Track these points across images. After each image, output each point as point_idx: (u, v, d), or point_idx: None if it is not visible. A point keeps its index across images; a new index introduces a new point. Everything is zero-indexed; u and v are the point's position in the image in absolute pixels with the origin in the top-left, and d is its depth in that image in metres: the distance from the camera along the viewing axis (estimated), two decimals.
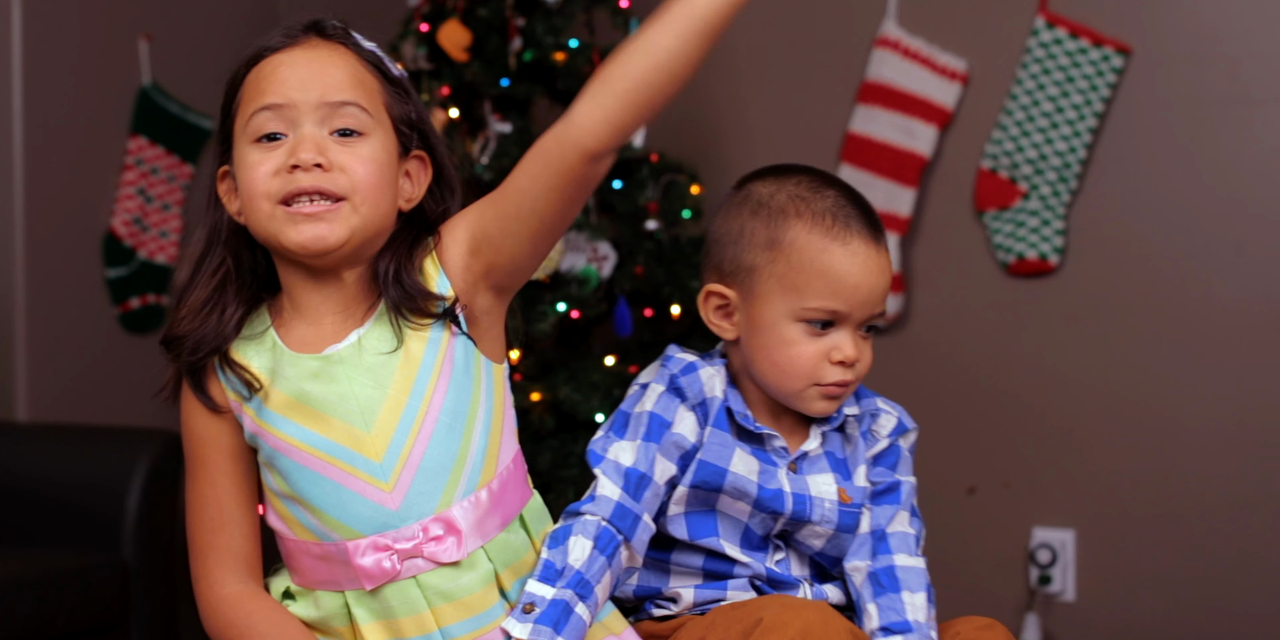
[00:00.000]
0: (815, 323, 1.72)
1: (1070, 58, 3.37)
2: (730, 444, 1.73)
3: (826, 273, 1.71)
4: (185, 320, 1.66)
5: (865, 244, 1.72)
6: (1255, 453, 3.26)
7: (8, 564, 2.93)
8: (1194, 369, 3.31)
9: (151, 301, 3.74)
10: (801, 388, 1.73)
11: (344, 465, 1.61)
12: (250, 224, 1.63)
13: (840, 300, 1.71)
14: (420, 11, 3.35)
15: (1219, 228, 3.29)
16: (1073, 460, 3.41)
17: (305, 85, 1.62)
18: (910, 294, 3.56)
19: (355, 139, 1.62)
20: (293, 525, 1.64)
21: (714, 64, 3.73)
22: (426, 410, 1.62)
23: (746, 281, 1.74)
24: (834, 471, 1.77)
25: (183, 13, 3.84)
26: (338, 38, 1.68)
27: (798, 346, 1.72)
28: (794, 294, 1.71)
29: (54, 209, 3.52)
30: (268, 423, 1.62)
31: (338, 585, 1.62)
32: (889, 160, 3.53)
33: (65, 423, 3.45)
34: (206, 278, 1.66)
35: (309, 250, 1.59)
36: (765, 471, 1.74)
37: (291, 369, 1.62)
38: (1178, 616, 3.31)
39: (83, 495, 3.12)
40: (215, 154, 1.70)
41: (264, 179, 1.60)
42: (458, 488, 1.62)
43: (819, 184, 1.76)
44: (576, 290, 3.16)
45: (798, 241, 1.72)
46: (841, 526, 1.74)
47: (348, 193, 1.59)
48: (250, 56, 1.68)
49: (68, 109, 3.56)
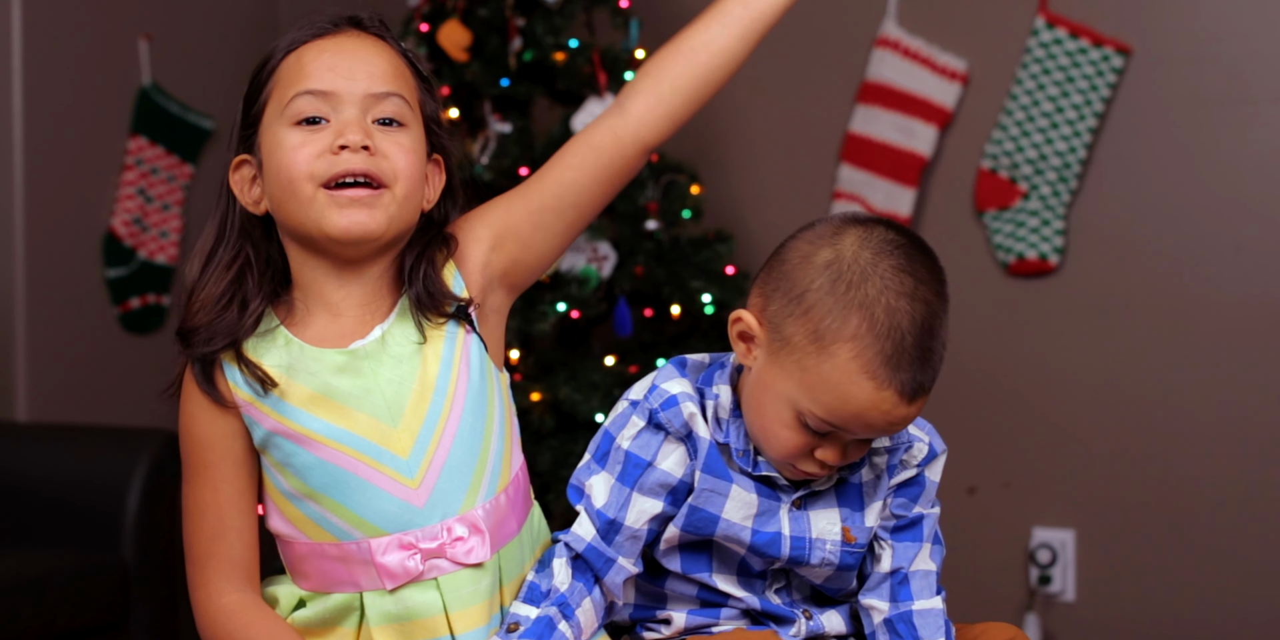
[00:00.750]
0: (811, 427, 1.59)
1: (1070, 58, 3.37)
2: (724, 489, 1.64)
3: (846, 403, 1.56)
4: (199, 313, 1.62)
5: (898, 395, 1.55)
6: (1255, 453, 3.26)
7: (8, 564, 2.93)
8: (1194, 369, 3.31)
9: (151, 301, 3.74)
10: (778, 461, 1.63)
11: (370, 460, 1.59)
12: (281, 210, 1.60)
13: (843, 424, 1.58)
14: (420, 11, 3.35)
15: (1219, 228, 3.29)
16: (1073, 460, 3.41)
17: (351, 74, 1.59)
18: None
19: (397, 129, 1.60)
20: (306, 527, 1.61)
21: None
22: (451, 407, 1.61)
23: (777, 342, 1.59)
24: (842, 507, 1.68)
25: (183, 13, 3.84)
26: (376, 31, 1.66)
27: (787, 431, 1.60)
28: (807, 395, 1.57)
29: (54, 209, 3.52)
30: (289, 418, 1.59)
31: (355, 586, 1.60)
32: (889, 160, 3.53)
33: (65, 423, 3.45)
34: (221, 270, 1.63)
35: (350, 236, 1.57)
36: (764, 512, 1.65)
37: (314, 364, 1.60)
38: (1178, 616, 3.32)
39: (83, 495, 3.12)
40: (231, 142, 1.67)
41: (307, 160, 1.56)
42: (480, 488, 1.62)
43: (904, 301, 1.55)
44: (576, 290, 3.16)
45: (838, 359, 1.55)
46: (843, 566, 1.67)
47: (390, 181, 1.57)
48: (284, 45, 1.63)
49: (68, 109, 3.56)
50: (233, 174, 1.66)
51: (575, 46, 3.26)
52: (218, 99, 3.93)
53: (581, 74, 3.26)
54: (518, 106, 3.32)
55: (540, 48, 3.26)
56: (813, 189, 3.61)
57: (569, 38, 3.27)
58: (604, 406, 3.06)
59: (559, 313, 3.14)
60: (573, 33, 3.31)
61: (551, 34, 3.26)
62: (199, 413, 1.64)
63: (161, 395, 1.67)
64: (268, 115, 1.61)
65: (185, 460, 1.66)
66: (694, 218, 3.32)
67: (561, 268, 3.20)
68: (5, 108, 3.43)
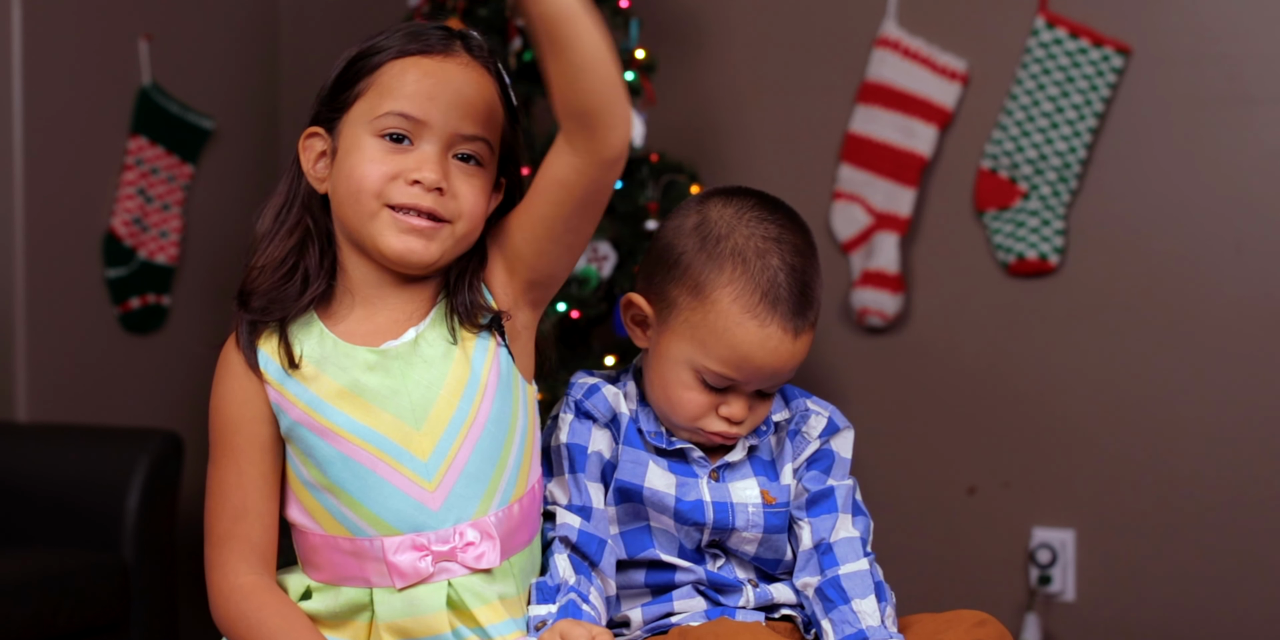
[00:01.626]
0: (710, 383, 1.70)
1: (1070, 58, 3.37)
2: (644, 460, 1.73)
3: (735, 346, 1.67)
4: (260, 277, 1.66)
5: (782, 330, 1.67)
6: (1255, 452, 3.26)
7: (8, 564, 2.93)
8: (1194, 369, 3.31)
9: (151, 301, 3.74)
10: (686, 427, 1.72)
11: (390, 459, 1.62)
12: (342, 209, 1.64)
13: (739, 373, 1.68)
14: (420, 11, 3.35)
15: (1219, 228, 3.29)
16: (1073, 460, 3.41)
17: (447, 108, 1.63)
18: (910, 294, 3.56)
19: (474, 168, 1.65)
20: (322, 519, 1.64)
21: (714, 64, 3.74)
22: (475, 415, 1.64)
23: (664, 311, 1.72)
24: (759, 475, 1.76)
25: (183, 13, 3.84)
26: (482, 60, 1.69)
27: (689, 392, 1.71)
28: (699, 349, 1.68)
29: (54, 209, 3.52)
30: (315, 410, 1.63)
31: (365, 582, 1.63)
32: (889, 160, 3.53)
33: (65, 423, 3.45)
34: (285, 234, 1.67)
35: (404, 260, 1.62)
36: (684, 484, 1.72)
37: (346, 359, 1.63)
38: (1178, 616, 3.32)
39: (83, 495, 3.11)
40: (311, 111, 1.69)
41: (381, 179, 1.61)
42: (495, 496, 1.65)
43: (771, 244, 1.69)
44: (576, 290, 3.16)
45: (720, 305, 1.67)
46: (769, 528, 1.73)
47: (454, 218, 1.63)
48: (393, 47, 1.65)
49: (68, 109, 3.55)
50: (303, 141, 1.69)
51: None
52: (218, 99, 3.93)
53: None
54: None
55: None
56: (813, 189, 3.61)
57: None
58: None
59: (559, 313, 3.14)
60: None
61: None
62: (232, 395, 1.67)
63: (206, 346, 1.71)
64: (354, 111, 1.64)
65: (213, 441, 1.68)
66: None
67: None
68: (5, 108, 3.43)
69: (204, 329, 3.86)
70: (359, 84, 1.65)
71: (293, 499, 1.67)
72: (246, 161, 4.04)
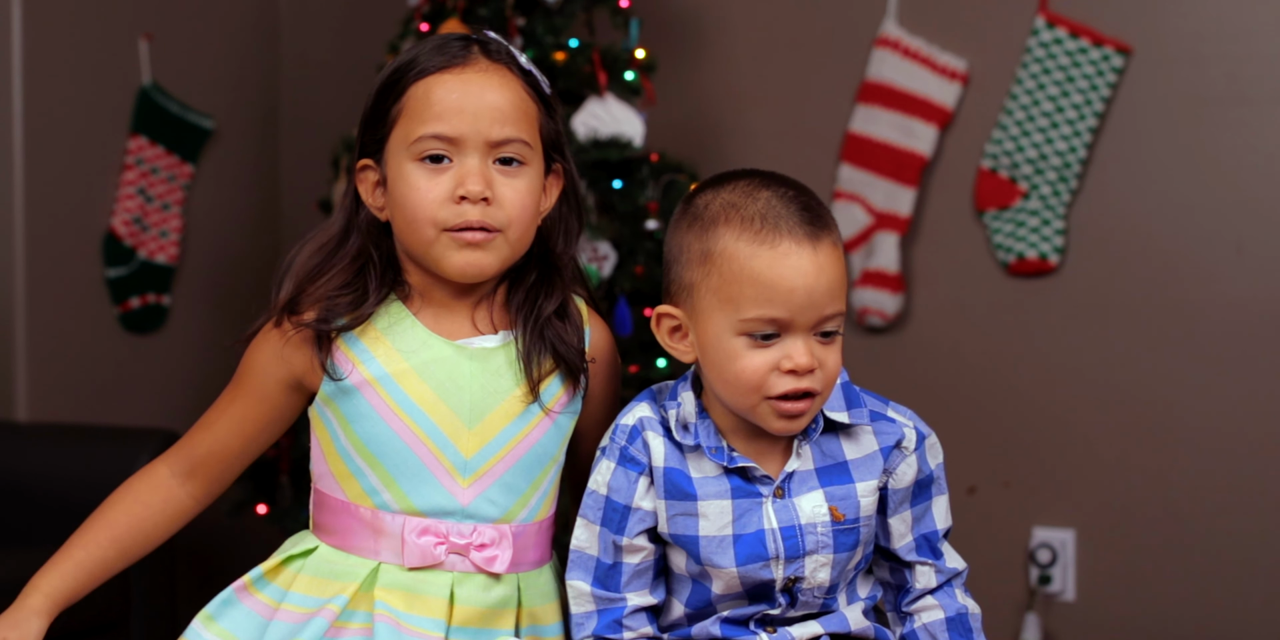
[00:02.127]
0: (758, 335, 1.60)
1: (1070, 58, 3.37)
2: (691, 506, 1.65)
3: (757, 279, 1.58)
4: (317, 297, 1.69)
5: (796, 243, 1.59)
6: (1255, 452, 3.26)
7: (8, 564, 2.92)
8: (1194, 369, 3.31)
9: (151, 301, 3.74)
10: (754, 403, 1.61)
11: (434, 447, 1.67)
12: (403, 237, 1.69)
13: (777, 306, 1.58)
14: (420, 11, 3.35)
15: (1219, 228, 3.29)
16: (1073, 460, 3.41)
17: (476, 119, 1.66)
18: (910, 294, 3.56)
19: (516, 169, 1.68)
20: (349, 487, 1.69)
21: (714, 64, 3.74)
22: (527, 435, 1.69)
23: (689, 299, 1.64)
24: (825, 486, 1.67)
25: (183, 13, 3.84)
26: (502, 59, 1.71)
27: (743, 359, 1.60)
28: (730, 306, 1.60)
29: (54, 209, 3.52)
30: (378, 381, 1.67)
31: (375, 554, 1.67)
32: (889, 160, 3.53)
33: (65, 423, 3.45)
34: (346, 262, 1.71)
35: (466, 275, 1.66)
36: (743, 515, 1.65)
37: (420, 343, 1.68)
38: (1178, 616, 3.31)
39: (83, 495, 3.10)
40: (356, 147, 1.74)
41: (431, 206, 1.65)
42: (521, 512, 1.70)
43: (754, 187, 1.64)
44: None
45: (726, 250, 1.60)
46: (839, 547, 1.66)
47: (504, 226, 1.66)
48: (416, 68, 1.68)
49: (68, 109, 3.56)
50: (358, 175, 1.73)
51: (575, 46, 3.26)
52: (218, 99, 3.93)
53: (581, 74, 3.26)
54: None
55: (540, 47, 3.26)
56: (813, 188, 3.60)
57: (569, 37, 3.28)
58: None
59: None
60: (573, 32, 3.31)
61: (551, 34, 3.26)
62: (266, 347, 1.72)
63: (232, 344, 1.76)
64: (393, 141, 1.68)
65: (234, 376, 1.75)
66: None
67: None
68: (5, 108, 3.43)
69: (204, 329, 3.86)
70: (391, 111, 1.68)
71: (320, 460, 1.72)
72: (246, 161, 4.04)
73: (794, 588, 1.67)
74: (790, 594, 1.67)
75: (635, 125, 3.24)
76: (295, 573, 1.70)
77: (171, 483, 1.77)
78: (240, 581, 1.73)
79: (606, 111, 3.24)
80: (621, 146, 3.22)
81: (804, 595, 1.67)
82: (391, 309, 1.71)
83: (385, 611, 1.64)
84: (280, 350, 1.70)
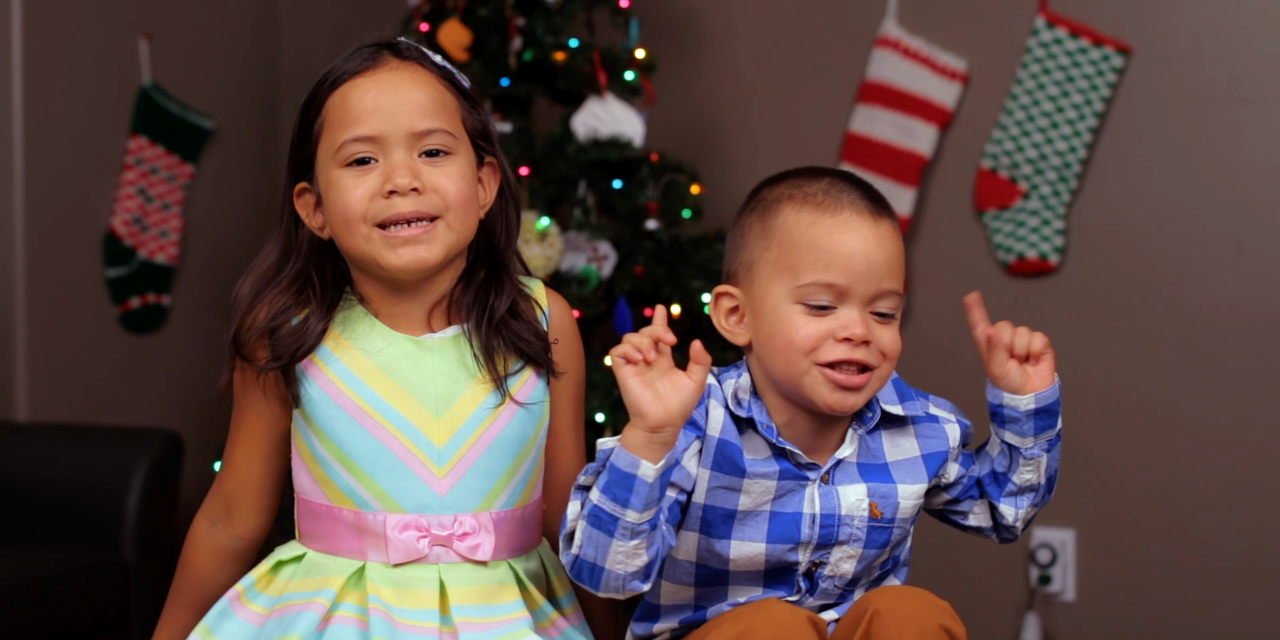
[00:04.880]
0: (814, 303, 1.62)
1: (1070, 58, 3.37)
2: (736, 481, 1.64)
3: (816, 245, 1.61)
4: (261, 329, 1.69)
5: (858, 214, 1.63)
6: (1255, 452, 3.26)
7: (8, 564, 2.93)
8: (1194, 369, 3.31)
9: (151, 301, 3.74)
10: (804, 369, 1.61)
11: (406, 440, 1.67)
12: (344, 244, 1.68)
13: (834, 272, 1.61)
14: (420, 11, 3.35)
15: (1219, 228, 3.28)
16: (1073, 460, 3.40)
17: (394, 115, 1.66)
18: (910, 294, 3.55)
19: (443, 159, 1.68)
20: (329, 490, 1.69)
21: (714, 64, 3.74)
22: (495, 419, 1.70)
23: (748, 276, 1.66)
24: (868, 481, 1.68)
25: (183, 13, 3.84)
26: (413, 57, 1.71)
27: (797, 324, 1.61)
28: (789, 274, 1.62)
29: (54, 209, 3.52)
30: (345, 382, 1.68)
31: (361, 554, 1.68)
32: (889, 160, 3.53)
33: (65, 423, 3.44)
34: (284, 288, 1.71)
35: (409, 271, 1.66)
36: (784, 494, 1.65)
37: (383, 342, 1.69)
38: (1178, 616, 3.31)
39: (83, 495, 3.11)
40: (288, 170, 1.74)
41: (360, 202, 1.65)
42: (500, 496, 1.70)
43: (817, 173, 1.68)
44: (576, 290, 3.16)
45: (788, 222, 1.63)
46: (869, 543, 1.67)
47: (441, 212, 1.66)
48: (329, 79, 1.70)
49: (68, 109, 3.55)
50: (296, 199, 1.73)
51: (575, 46, 3.26)
52: (218, 99, 3.93)
53: (581, 73, 3.26)
54: (518, 106, 3.32)
55: (540, 47, 3.26)
56: None
57: (569, 37, 3.27)
58: (604, 406, 3.06)
59: None
60: (573, 32, 3.31)
61: (551, 33, 3.26)
62: (248, 374, 1.73)
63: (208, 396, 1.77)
64: (321, 153, 1.69)
65: (233, 407, 1.78)
66: (694, 217, 3.32)
67: (561, 267, 3.20)
68: (5, 108, 3.43)
69: (204, 329, 3.86)
70: (314, 126, 1.69)
71: (301, 468, 1.73)
72: (246, 161, 4.04)
73: (815, 573, 1.67)
74: (811, 580, 1.68)
75: (635, 125, 3.24)
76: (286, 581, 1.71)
77: (212, 532, 1.78)
78: (234, 591, 1.74)
79: (606, 111, 3.24)
80: (621, 146, 3.22)
81: (824, 582, 1.68)
82: (352, 313, 1.71)
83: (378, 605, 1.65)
84: (257, 378, 1.72)
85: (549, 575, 1.76)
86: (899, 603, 1.57)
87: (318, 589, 1.67)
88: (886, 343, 1.64)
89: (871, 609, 1.57)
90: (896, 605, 1.57)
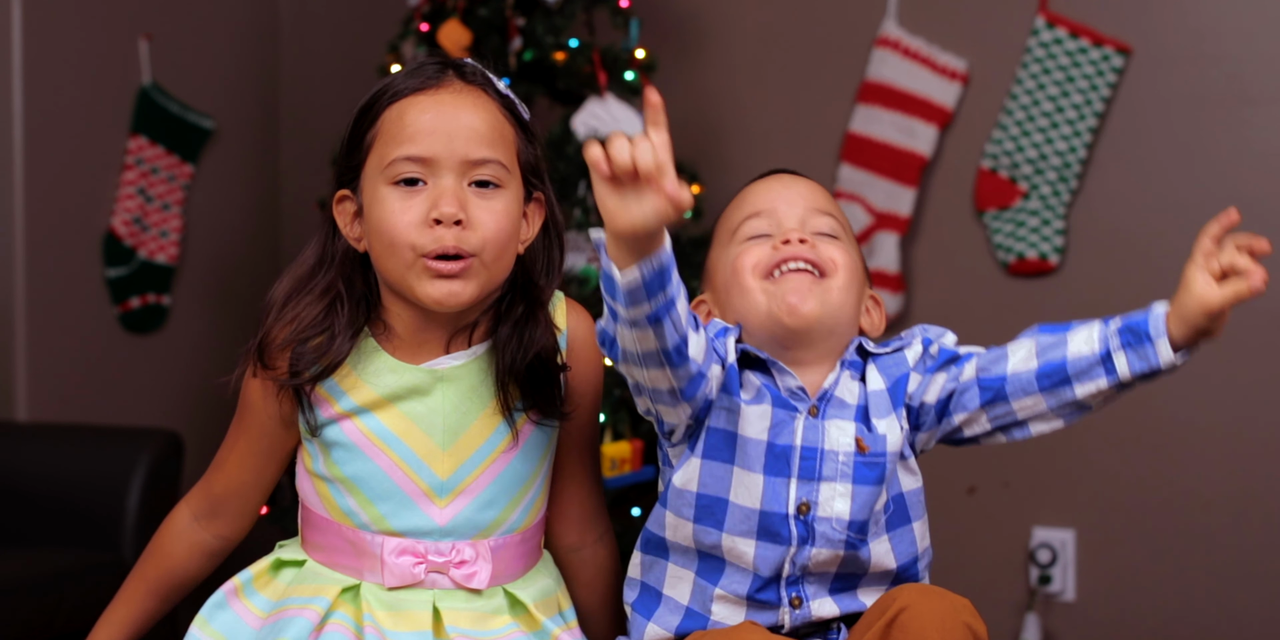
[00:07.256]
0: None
1: (1070, 58, 3.37)
2: (735, 403, 1.67)
3: (755, 200, 1.77)
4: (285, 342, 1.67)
5: (791, 175, 1.79)
6: (1255, 453, 3.26)
7: (8, 564, 2.93)
8: (1194, 369, 3.29)
9: (151, 301, 3.74)
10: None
11: (410, 472, 1.66)
12: (380, 262, 1.65)
13: (770, 200, 1.76)
14: (420, 11, 3.35)
15: None
16: (1073, 460, 3.41)
17: (450, 139, 1.62)
18: (910, 294, 3.56)
19: (492, 191, 1.64)
20: (329, 506, 1.69)
21: (714, 64, 3.74)
22: (504, 451, 1.69)
23: (712, 262, 1.81)
24: (859, 421, 1.71)
25: (183, 13, 3.84)
26: (477, 82, 1.68)
27: (747, 256, 1.73)
28: (731, 227, 1.76)
29: (54, 209, 3.52)
30: (352, 413, 1.67)
31: (358, 573, 1.67)
32: (889, 160, 3.53)
33: (65, 423, 3.45)
34: (315, 297, 1.68)
35: (442, 305, 1.63)
36: (779, 423, 1.68)
37: (391, 375, 1.67)
38: (1178, 616, 3.32)
39: (83, 495, 3.12)
40: (333, 176, 1.71)
41: (408, 229, 1.61)
42: (502, 525, 1.69)
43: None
44: (576, 290, 3.16)
45: (737, 199, 1.79)
46: (859, 479, 1.69)
47: (478, 250, 1.62)
48: (389, 92, 1.66)
49: (68, 109, 3.56)
50: (335, 207, 1.70)
51: (575, 46, 3.26)
52: (218, 99, 3.93)
53: (581, 74, 3.26)
54: None
55: (540, 47, 3.26)
56: None
57: (569, 37, 3.28)
58: (604, 406, 3.06)
59: None
60: (573, 32, 3.31)
61: (551, 34, 3.26)
62: (258, 386, 1.72)
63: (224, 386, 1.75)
64: (370, 165, 1.65)
65: (236, 412, 1.76)
66: (694, 218, 3.32)
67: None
68: (5, 108, 3.43)
69: (204, 329, 3.87)
70: (366, 136, 1.66)
71: (305, 477, 1.73)
72: (246, 161, 4.04)
73: (808, 516, 1.67)
74: (807, 525, 1.68)
75: (635, 125, 3.24)
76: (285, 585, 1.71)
77: (194, 527, 1.78)
78: (230, 584, 1.74)
79: (606, 111, 3.24)
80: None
81: (820, 525, 1.68)
82: (364, 345, 1.68)
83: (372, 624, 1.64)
84: (268, 392, 1.71)
85: (551, 587, 1.76)
86: (924, 599, 1.60)
87: (313, 595, 1.67)
88: (828, 252, 1.75)
89: (897, 604, 1.59)
90: (921, 601, 1.59)
